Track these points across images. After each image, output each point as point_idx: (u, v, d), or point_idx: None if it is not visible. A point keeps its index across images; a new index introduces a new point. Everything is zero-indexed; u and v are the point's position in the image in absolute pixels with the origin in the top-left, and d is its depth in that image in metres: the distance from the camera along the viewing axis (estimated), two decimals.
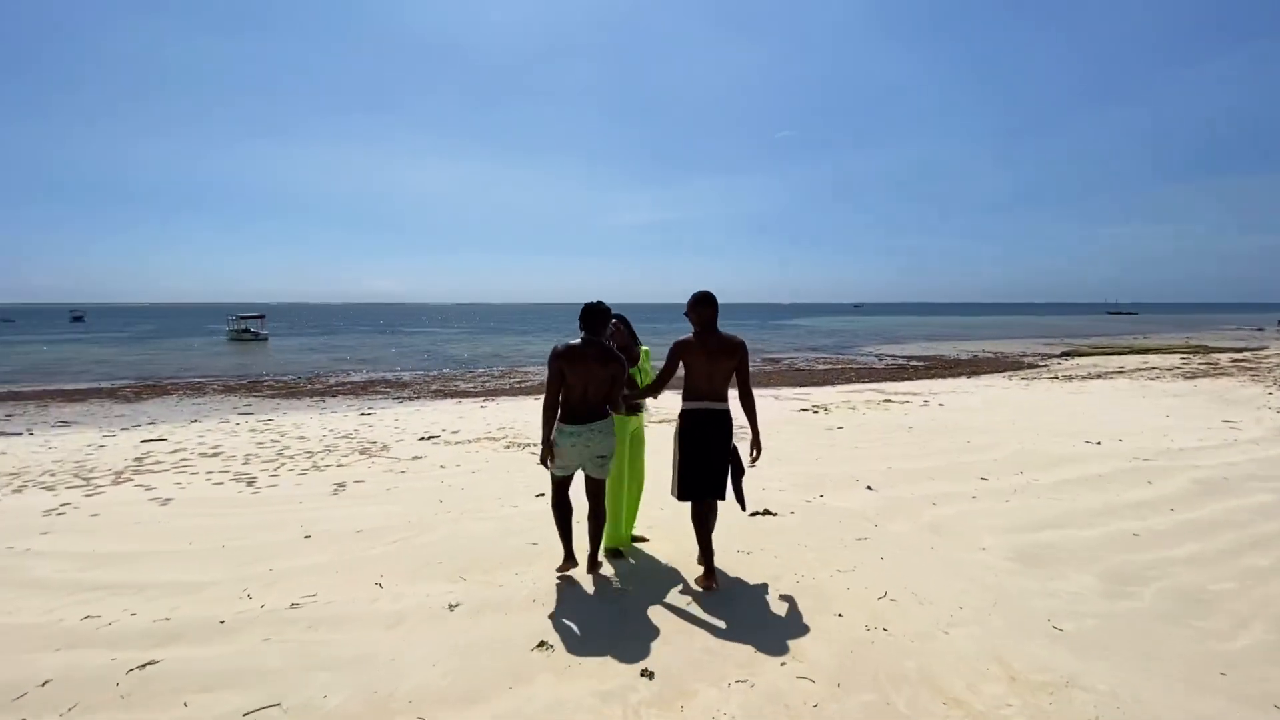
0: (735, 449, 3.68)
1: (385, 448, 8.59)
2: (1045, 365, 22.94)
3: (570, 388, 3.54)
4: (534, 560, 4.06)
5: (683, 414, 3.66)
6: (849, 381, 18.97)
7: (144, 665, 2.89)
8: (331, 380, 22.17)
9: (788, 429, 9.07)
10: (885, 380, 18.98)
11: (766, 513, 4.91)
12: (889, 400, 12.39)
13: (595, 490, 3.72)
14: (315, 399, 17.38)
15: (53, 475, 7.19)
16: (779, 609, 3.30)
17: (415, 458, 7.77)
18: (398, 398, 17.47)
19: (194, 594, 3.70)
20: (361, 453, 8.22)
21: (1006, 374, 19.97)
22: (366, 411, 13.92)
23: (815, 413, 10.78)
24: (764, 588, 3.58)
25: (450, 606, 3.42)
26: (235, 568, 4.12)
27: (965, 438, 7.94)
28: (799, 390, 15.93)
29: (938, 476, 6.00)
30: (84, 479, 6.95)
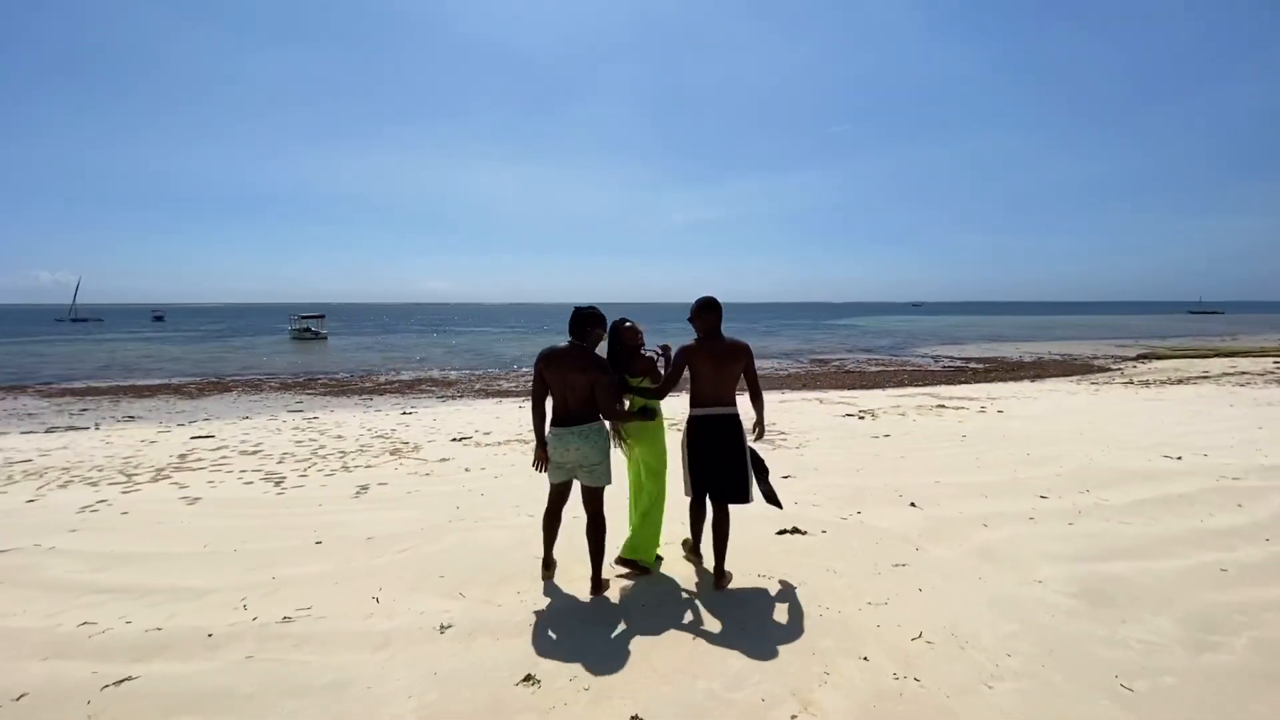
0: (754, 450, 3.68)
1: (416, 448, 8.57)
2: (1118, 369, 21.42)
3: (552, 392, 3.51)
4: (538, 578, 3.81)
5: (691, 419, 3.63)
6: (901, 385, 18.15)
7: (120, 681, 2.78)
8: (381, 378, 22.72)
9: (828, 436, 8.58)
10: (940, 384, 18.08)
11: (795, 531, 4.52)
12: (942, 405, 11.68)
13: (590, 498, 3.57)
14: (363, 397, 17.79)
15: (100, 470, 7.42)
16: (796, 648, 2.94)
17: (442, 460, 7.68)
18: (442, 397, 17.70)
19: (193, 601, 3.62)
20: (392, 453, 8.21)
21: (1074, 378, 18.72)
22: (408, 410, 14.10)
23: (861, 418, 10.23)
24: (781, 621, 3.22)
25: (441, 628, 3.21)
26: (240, 574, 4.04)
27: (1025, 449, 7.30)
28: (846, 393, 15.29)
29: (991, 493, 5.46)
30: (127, 475, 7.14)
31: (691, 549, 4.04)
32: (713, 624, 3.19)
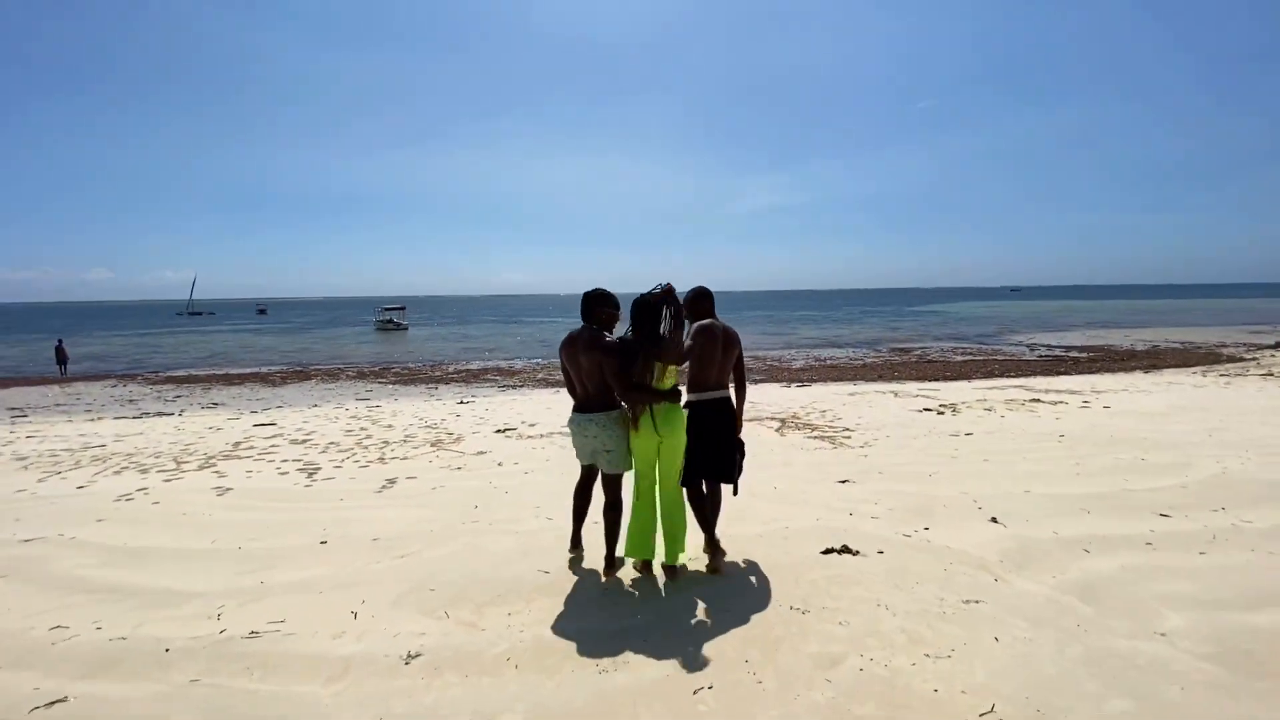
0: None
1: (459, 439, 8.35)
2: (1253, 358, 18.75)
3: (572, 376, 3.57)
4: (535, 596, 3.34)
5: (694, 404, 3.57)
6: (991, 375, 16.57)
7: (53, 703, 2.52)
8: (450, 368, 23.16)
9: (900, 433, 7.67)
10: (1036, 375, 16.35)
11: (844, 550, 3.83)
12: (1037, 400, 10.39)
13: (609, 484, 3.59)
14: (429, 386, 18.09)
15: (156, 457, 7.61)
16: (823, 716, 2.31)
17: (480, 452, 7.39)
18: (503, 386, 17.71)
19: (171, 608, 3.39)
20: (433, 445, 8.01)
21: (1198, 369, 16.46)
22: (466, 400, 14.09)
23: (940, 413, 9.18)
24: (809, 674, 2.57)
25: (409, 657, 2.78)
26: (231, 576, 3.80)
27: (1138, 453, 6.18)
28: (926, 385, 14.04)
29: (1095, 509, 4.53)
30: (178, 463, 7.27)
31: (711, 561, 3.57)
32: (722, 674, 2.59)
